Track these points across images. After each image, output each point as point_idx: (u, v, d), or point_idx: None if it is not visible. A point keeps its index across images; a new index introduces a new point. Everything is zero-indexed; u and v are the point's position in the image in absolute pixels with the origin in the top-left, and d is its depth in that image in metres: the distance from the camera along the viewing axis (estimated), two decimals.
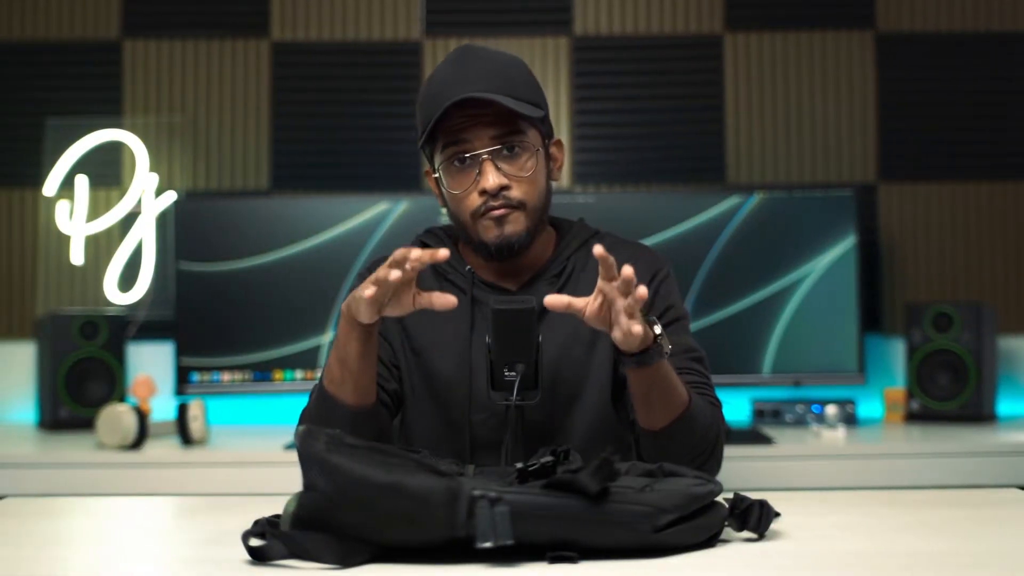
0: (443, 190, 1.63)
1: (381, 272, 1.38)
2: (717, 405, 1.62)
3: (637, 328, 1.35)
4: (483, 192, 1.57)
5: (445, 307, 1.41)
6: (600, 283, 1.37)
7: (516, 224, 1.59)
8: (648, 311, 1.64)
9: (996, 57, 3.13)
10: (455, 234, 1.72)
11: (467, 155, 1.57)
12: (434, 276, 1.69)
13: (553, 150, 1.68)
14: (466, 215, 1.60)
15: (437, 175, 1.63)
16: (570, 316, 1.62)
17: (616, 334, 1.39)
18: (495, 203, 1.57)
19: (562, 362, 1.63)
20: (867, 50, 3.15)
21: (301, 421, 1.57)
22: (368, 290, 1.38)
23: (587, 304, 1.41)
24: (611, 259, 1.35)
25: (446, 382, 1.64)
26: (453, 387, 1.63)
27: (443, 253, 1.37)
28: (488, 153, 1.57)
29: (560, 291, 1.64)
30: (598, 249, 1.35)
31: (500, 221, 1.58)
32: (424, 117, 1.60)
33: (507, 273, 1.67)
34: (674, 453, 1.45)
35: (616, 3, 3.17)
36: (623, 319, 1.36)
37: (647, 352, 1.42)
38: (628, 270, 1.33)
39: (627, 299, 1.35)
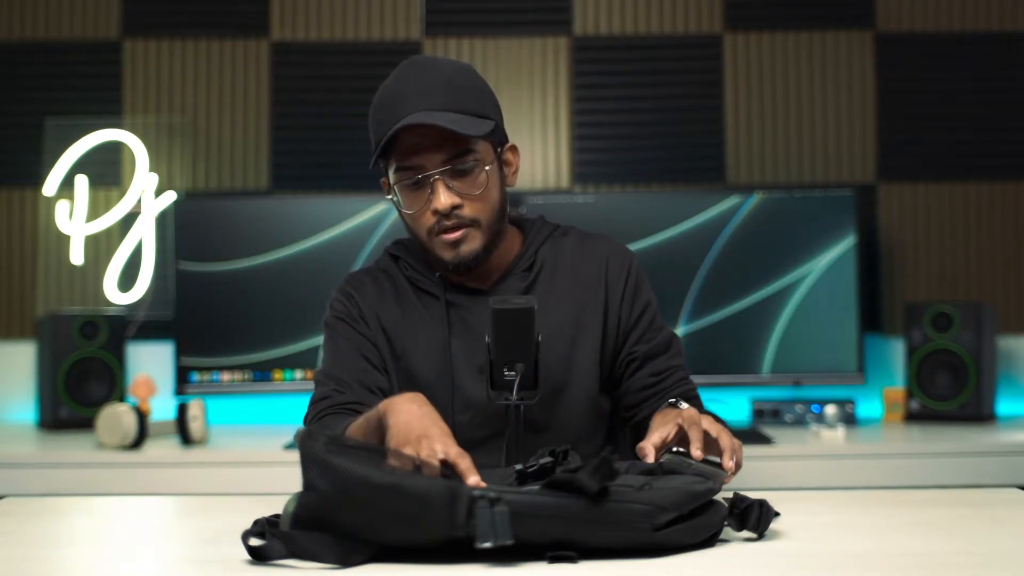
0: (400, 208, 1.65)
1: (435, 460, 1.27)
2: (693, 387, 1.73)
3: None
4: (435, 212, 1.59)
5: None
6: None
7: (471, 242, 1.61)
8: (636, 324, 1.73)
9: (996, 57, 3.13)
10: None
11: (419, 176, 1.59)
12: (409, 286, 1.71)
13: (508, 156, 1.69)
14: (422, 233, 1.63)
15: (392, 196, 1.65)
16: (551, 312, 1.64)
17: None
18: (448, 222, 1.59)
19: (544, 358, 1.64)
20: (867, 50, 3.15)
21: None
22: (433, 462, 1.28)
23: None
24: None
25: (428, 385, 1.65)
26: (435, 389, 1.65)
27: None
28: (438, 174, 1.58)
29: (531, 285, 1.68)
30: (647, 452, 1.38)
31: (455, 244, 1.60)
32: (375, 136, 1.62)
33: (476, 275, 1.69)
34: None
35: (616, 3, 3.17)
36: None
37: None
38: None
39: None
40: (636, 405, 1.70)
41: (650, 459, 1.36)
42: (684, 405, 1.54)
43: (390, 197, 1.66)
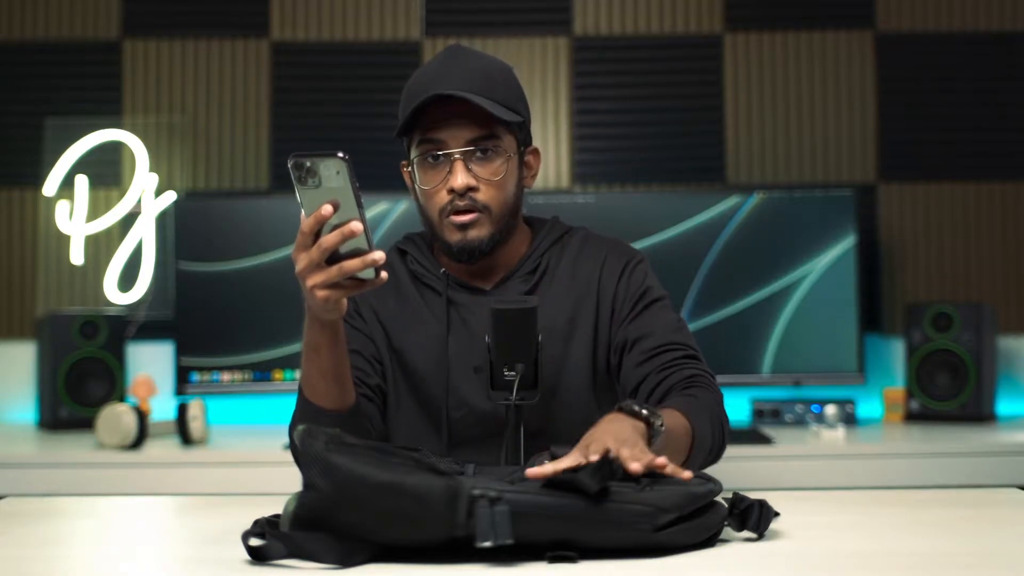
0: (415, 185, 1.65)
1: (331, 272, 1.32)
2: (708, 378, 1.62)
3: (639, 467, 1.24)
4: (451, 191, 1.59)
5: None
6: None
7: (480, 229, 1.61)
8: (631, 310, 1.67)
9: (996, 57, 3.13)
10: (430, 238, 1.73)
11: (440, 152, 1.59)
12: (411, 280, 1.71)
13: (529, 158, 1.70)
14: (434, 212, 1.62)
15: (411, 169, 1.64)
16: (546, 313, 1.62)
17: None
18: (461, 203, 1.59)
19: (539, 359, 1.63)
20: (867, 50, 3.15)
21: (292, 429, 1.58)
22: (333, 295, 1.35)
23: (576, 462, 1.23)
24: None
25: (424, 380, 1.67)
26: (430, 385, 1.66)
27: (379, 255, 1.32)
28: (460, 153, 1.58)
29: (533, 288, 1.68)
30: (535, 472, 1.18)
31: (464, 227, 1.60)
32: (403, 109, 1.62)
33: (480, 273, 1.69)
34: (696, 466, 1.42)
35: (616, 3, 3.17)
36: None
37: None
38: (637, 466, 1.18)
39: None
40: (639, 385, 1.62)
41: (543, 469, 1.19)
42: (636, 407, 1.37)
43: (408, 170, 1.66)
